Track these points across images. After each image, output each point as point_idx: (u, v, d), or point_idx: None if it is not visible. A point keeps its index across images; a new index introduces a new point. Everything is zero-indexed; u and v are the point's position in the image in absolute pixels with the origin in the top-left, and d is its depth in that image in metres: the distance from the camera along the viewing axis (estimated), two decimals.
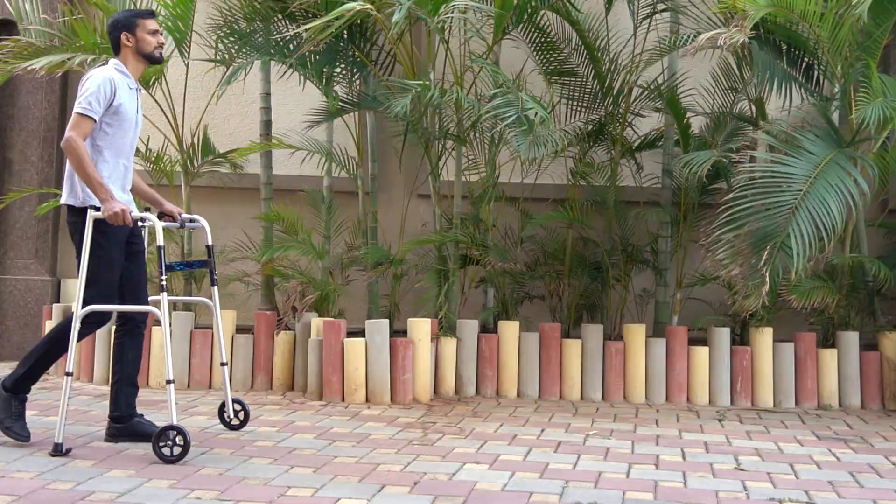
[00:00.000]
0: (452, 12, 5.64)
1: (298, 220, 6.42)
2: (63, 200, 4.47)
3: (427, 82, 5.75)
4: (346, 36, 6.24)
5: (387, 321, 5.96)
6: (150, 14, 4.58)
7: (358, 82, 6.64)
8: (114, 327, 4.61)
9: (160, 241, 4.33)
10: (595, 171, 6.73)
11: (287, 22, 6.34)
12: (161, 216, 4.65)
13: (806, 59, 6.32)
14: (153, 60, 4.62)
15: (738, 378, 6.23)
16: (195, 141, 6.62)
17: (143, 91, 5.27)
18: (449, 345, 6.19)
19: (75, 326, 4.31)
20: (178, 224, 4.64)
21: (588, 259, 6.69)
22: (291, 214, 6.40)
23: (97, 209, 4.28)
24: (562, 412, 5.76)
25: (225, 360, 4.86)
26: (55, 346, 4.45)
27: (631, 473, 4.14)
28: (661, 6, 6.56)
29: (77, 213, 4.40)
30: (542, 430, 5.12)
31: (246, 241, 6.75)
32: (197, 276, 6.54)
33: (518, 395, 6.29)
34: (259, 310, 6.53)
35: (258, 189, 6.76)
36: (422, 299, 6.46)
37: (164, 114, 6.46)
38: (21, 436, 4.37)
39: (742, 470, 4.29)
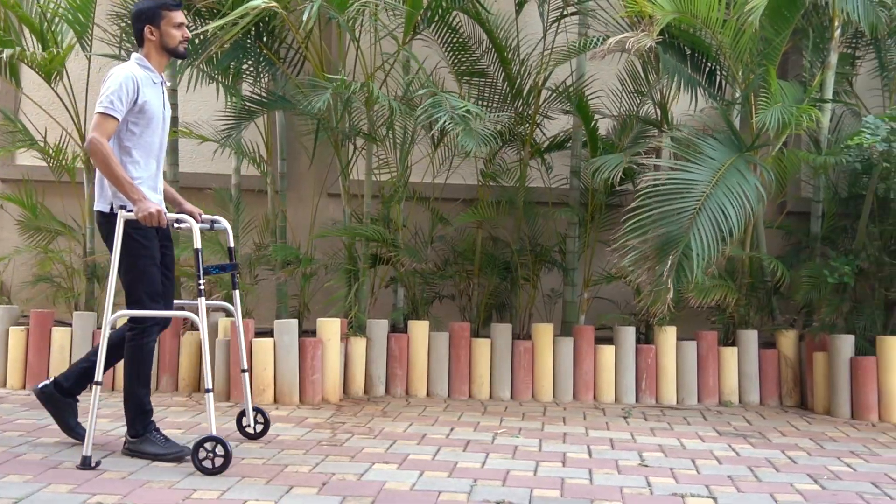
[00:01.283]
0: (363, 9, 5.62)
1: None
2: (95, 206, 4.27)
3: (345, 78, 5.72)
4: (253, 33, 6.17)
5: (296, 321, 5.91)
6: (177, 6, 4.31)
7: (266, 80, 6.57)
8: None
9: (197, 243, 4.14)
10: (505, 172, 6.79)
11: (193, 17, 6.23)
12: None
13: (709, 65, 6.48)
14: (177, 55, 4.39)
15: (643, 376, 6.35)
16: None
17: (63, 86, 5.00)
18: (359, 344, 6.17)
19: (105, 332, 4.12)
20: (207, 227, 4.43)
21: (497, 259, 6.74)
22: None
23: (126, 209, 4.11)
24: (471, 411, 5.79)
25: (246, 367, 4.67)
26: (136, 369, 4.23)
27: (538, 471, 4.19)
28: (570, 9, 6.64)
29: (107, 217, 4.19)
30: (452, 429, 5.14)
31: None
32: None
33: (428, 394, 6.30)
34: None
35: None
36: (331, 299, 6.42)
37: (66, 108, 6.30)
38: (181, 452, 4.20)
39: (646, 466, 4.38)
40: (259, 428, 4.71)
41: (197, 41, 6.06)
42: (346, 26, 5.80)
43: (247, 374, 4.68)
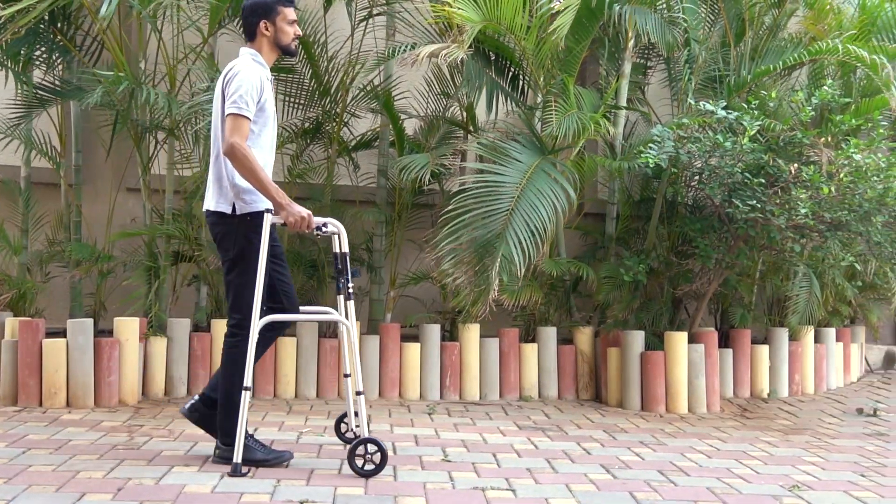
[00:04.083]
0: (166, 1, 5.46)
1: None
2: (213, 207, 4.05)
3: (121, 74, 5.50)
4: (47, 18, 5.86)
5: (91, 320, 5.65)
6: (291, 2, 4.22)
7: (60, 68, 6.25)
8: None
9: (346, 247, 4.12)
10: (312, 170, 6.75)
11: None
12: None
13: (513, 70, 6.67)
14: (289, 53, 4.29)
15: (448, 373, 6.46)
16: None
17: None
18: (158, 344, 5.97)
19: (253, 337, 3.98)
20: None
21: (304, 257, 6.68)
22: None
23: (258, 213, 4.02)
24: (276, 410, 5.72)
25: (349, 372, 4.47)
26: (238, 375, 4.09)
27: (343, 469, 4.18)
28: (377, 10, 6.67)
29: (227, 219, 4.05)
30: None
31: None
32: None
33: None
34: None
35: None
36: (130, 297, 6.19)
37: None
38: (282, 457, 4.18)
39: (449, 461, 4.46)
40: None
41: None
42: (149, 17, 5.60)
43: (349, 379, 4.53)
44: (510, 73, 6.68)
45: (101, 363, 5.60)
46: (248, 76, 4.00)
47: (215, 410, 4.23)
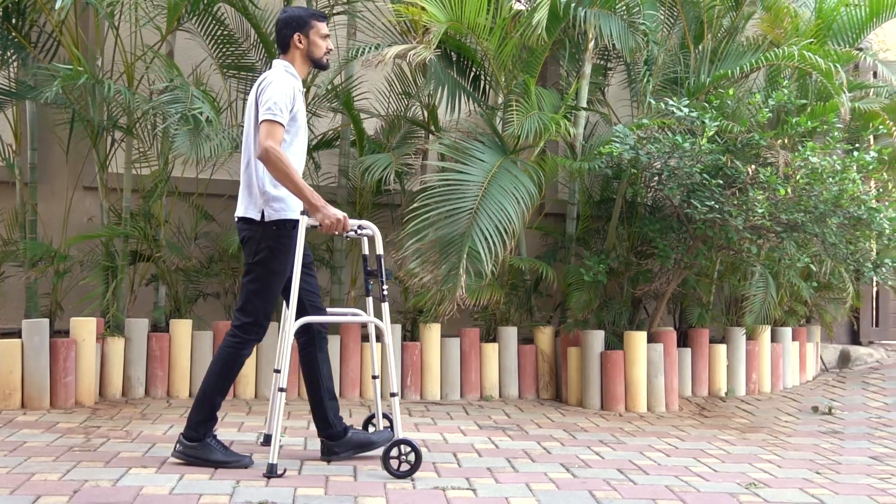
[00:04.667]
0: None
1: None
2: (242, 213, 4.17)
3: (80, 68, 5.44)
4: (0, 14, 5.76)
5: (47, 320, 5.57)
6: (324, 17, 4.35)
7: (15, 66, 6.15)
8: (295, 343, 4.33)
9: (380, 249, 4.16)
10: None
11: None
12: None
13: (474, 70, 6.68)
14: (321, 66, 4.37)
15: (409, 372, 6.46)
16: None
17: None
18: (116, 344, 5.91)
19: (288, 340, 4.04)
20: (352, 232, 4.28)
21: None
22: None
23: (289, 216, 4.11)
24: (236, 411, 5.68)
25: (377, 374, 4.47)
26: (224, 374, 4.15)
27: (303, 470, 4.17)
28: (338, 8, 6.65)
29: (256, 226, 4.12)
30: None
31: None
32: None
33: (190, 395, 6.12)
34: None
35: None
36: (87, 297, 6.12)
37: None
38: (242, 461, 4.17)
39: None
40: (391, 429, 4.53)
41: None
42: (105, 13, 5.53)
43: (377, 381, 4.50)
44: (472, 74, 6.69)
45: (57, 364, 5.53)
46: (281, 85, 4.09)
47: (345, 436, 4.38)
